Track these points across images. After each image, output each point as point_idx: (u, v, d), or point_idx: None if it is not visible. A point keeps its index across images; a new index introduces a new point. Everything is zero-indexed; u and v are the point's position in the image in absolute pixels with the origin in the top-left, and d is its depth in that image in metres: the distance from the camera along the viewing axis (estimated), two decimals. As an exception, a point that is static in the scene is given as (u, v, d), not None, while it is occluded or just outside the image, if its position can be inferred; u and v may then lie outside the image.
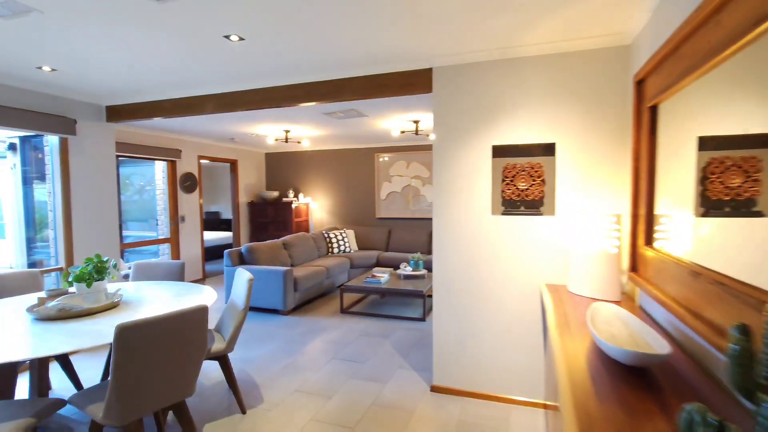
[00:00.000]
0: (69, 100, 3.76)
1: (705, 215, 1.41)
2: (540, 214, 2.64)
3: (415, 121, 5.17)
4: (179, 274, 3.39)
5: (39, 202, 4.56)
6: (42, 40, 2.47)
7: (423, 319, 4.61)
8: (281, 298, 4.79)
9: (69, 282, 2.42)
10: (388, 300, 5.43)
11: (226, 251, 5.13)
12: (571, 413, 1.09)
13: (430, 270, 5.88)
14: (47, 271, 3.78)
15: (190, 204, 6.57)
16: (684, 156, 1.58)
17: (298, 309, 5.11)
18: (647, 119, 1.88)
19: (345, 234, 6.97)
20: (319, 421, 2.56)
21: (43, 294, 2.55)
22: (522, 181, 2.67)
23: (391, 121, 5.25)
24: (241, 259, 5.24)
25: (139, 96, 3.81)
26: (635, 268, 2.05)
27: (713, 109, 1.37)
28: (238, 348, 3.79)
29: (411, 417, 2.62)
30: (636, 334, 1.51)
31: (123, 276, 4.40)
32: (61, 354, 1.93)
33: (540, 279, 2.67)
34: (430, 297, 5.14)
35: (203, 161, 6.94)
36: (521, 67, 2.62)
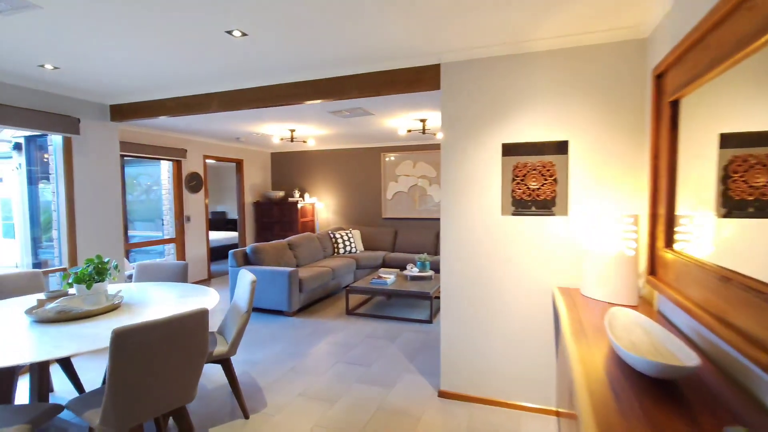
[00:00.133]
0: (72, 99, 3.73)
1: (727, 216, 1.34)
2: (552, 214, 2.55)
3: (422, 120, 5.09)
4: (182, 275, 3.34)
5: (45, 202, 4.55)
6: (42, 36, 2.43)
7: (430, 321, 4.53)
8: (286, 299, 4.73)
9: (69, 283, 2.37)
10: (394, 301, 5.36)
11: (230, 251, 5.08)
12: (593, 430, 1.01)
13: (437, 271, 5.79)
14: (52, 271, 3.75)
15: (195, 204, 6.55)
16: (704, 153, 1.50)
17: (303, 310, 5.05)
18: (667, 115, 1.79)
19: (351, 234, 6.91)
20: (323, 427, 2.49)
21: (43, 296, 2.50)
22: (533, 181, 2.57)
23: (398, 120, 5.17)
24: (246, 260, 5.19)
25: (143, 95, 3.77)
26: (654, 271, 1.96)
27: (737, 105, 1.28)
28: (242, 350, 3.74)
29: (418, 423, 2.54)
30: (658, 342, 1.41)
31: (127, 276, 4.37)
32: (58, 359, 1.88)
33: (552, 282, 2.58)
34: (437, 299, 5.06)
35: (209, 161, 6.91)
36: (532, 63, 2.53)
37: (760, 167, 1.15)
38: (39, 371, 2.33)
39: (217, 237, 8.37)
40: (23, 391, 2.83)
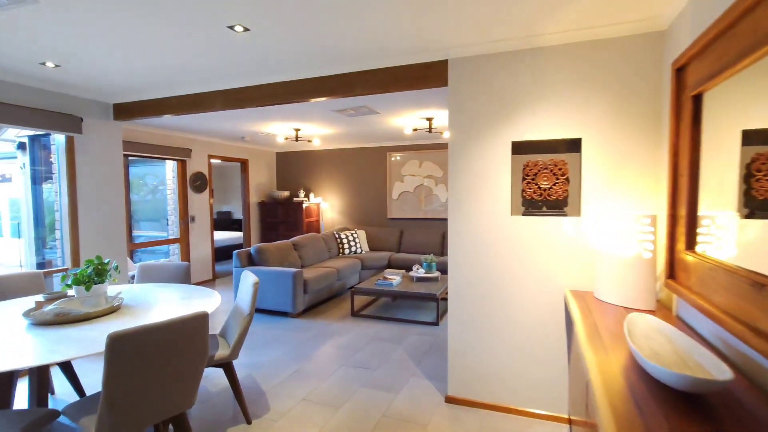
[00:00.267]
0: (75, 97, 3.69)
1: (750, 216, 1.27)
2: (564, 214, 2.46)
3: (429, 119, 5.00)
4: (185, 276, 3.29)
5: (50, 202, 4.53)
6: (42, 33, 2.38)
7: (437, 324, 4.44)
8: (290, 300, 4.67)
9: (68, 285, 2.33)
10: (400, 303, 5.28)
11: (234, 252, 5.03)
12: (618, 451, 0.92)
13: (443, 272, 5.70)
14: (56, 272, 3.72)
15: (200, 204, 6.51)
16: (725, 151, 1.43)
17: (307, 311, 4.99)
18: (689, 110, 1.69)
19: (356, 234, 6.84)
20: (328, 434, 2.42)
21: (41, 297, 2.46)
22: (544, 180, 2.49)
23: (404, 119, 5.09)
24: (251, 260, 5.14)
25: (146, 93, 3.73)
26: (673, 274, 1.86)
27: (760, 99, 1.20)
28: (245, 352, 3.68)
29: (425, 431, 2.46)
30: (682, 351, 1.32)
31: (130, 277, 4.33)
32: (52, 363, 1.82)
33: (564, 284, 2.49)
34: (443, 300, 4.97)
35: (214, 161, 6.88)
36: (544, 57, 2.44)
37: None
38: (38, 375, 2.28)
39: (223, 237, 8.34)
40: (24, 394, 2.79)
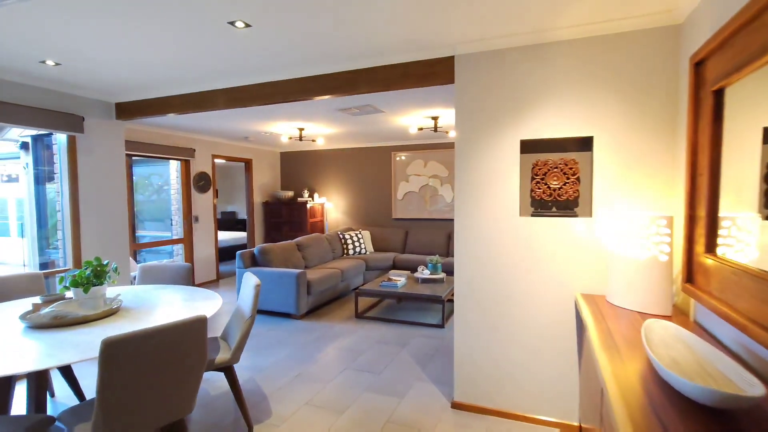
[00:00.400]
0: (76, 96, 3.66)
1: None
2: (575, 215, 2.38)
3: (434, 118, 4.93)
4: (187, 277, 3.24)
5: (53, 201, 4.51)
6: (40, 31, 2.34)
7: (442, 326, 4.37)
8: (294, 301, 4.62)
9: (66, 287, 2.28)
10: (405, 305, 5.21)
11: (238, 252, 4.99)
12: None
13: (448, 273, 5.63)
14: (58, 272, 3.69)
15: (204, 204, 6.48)
16: (745, 149, 1.36)
17: (311, 313, 4.93)
18: (709, 105, 1.61)
19: (360, 235, 6.78)
20: (330, 440, 2.36)
21: (38, 299, 2.41)
22: (554, 179, 2.41)
23: (409, 118, 5.02)
24: (254, 261, 5.09)
25: (148, 92, 3.69)
26: (691, 278, 1.78)
27: None
28: (247, 355, 3.63)
29: (430, 437, 2.39)
30: (705, 362, 1.25)
31: (132, 278, 4.29)
32: (48, 368, 1.77)
33: (574, 287, 2.41)
34: (449, 302, 4.90)
35: (217, 161, 6.84)
36: (553, 53, 2.36)
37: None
38: (35, 379, 2.24)
39: (227, 237, 8.31)
40: (23, 397, 2.75)
